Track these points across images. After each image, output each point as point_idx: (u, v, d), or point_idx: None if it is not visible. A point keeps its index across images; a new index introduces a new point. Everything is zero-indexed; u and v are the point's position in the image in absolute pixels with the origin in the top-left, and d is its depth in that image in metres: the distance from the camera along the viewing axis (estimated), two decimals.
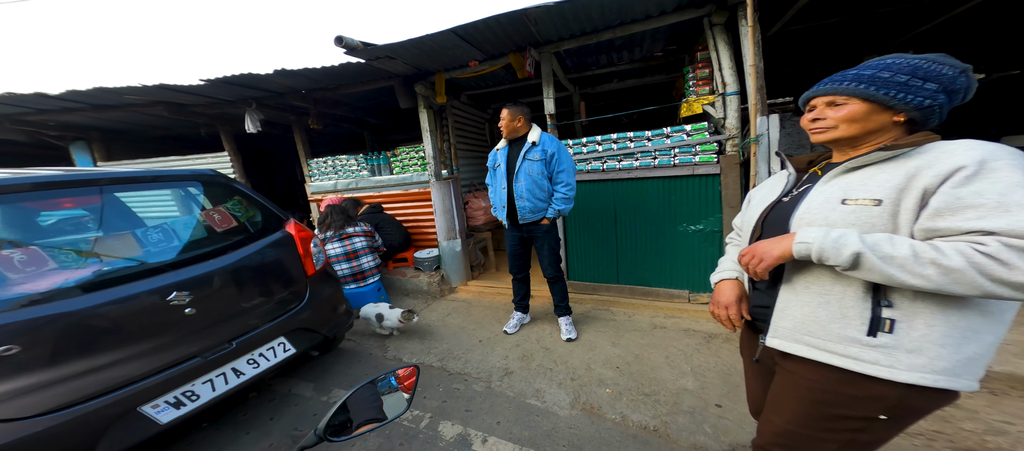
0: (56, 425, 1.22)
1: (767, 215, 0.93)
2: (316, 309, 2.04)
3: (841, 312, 0.77)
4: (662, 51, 3.60)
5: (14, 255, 1.28)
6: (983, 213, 0.64)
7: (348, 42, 2.44)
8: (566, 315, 2.57)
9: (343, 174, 4.13)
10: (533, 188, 2.26)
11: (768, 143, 2.37)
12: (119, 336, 1.38)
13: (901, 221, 0.71)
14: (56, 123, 4.08)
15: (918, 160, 0.72)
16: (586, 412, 1.83)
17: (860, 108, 0.78)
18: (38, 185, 1.36)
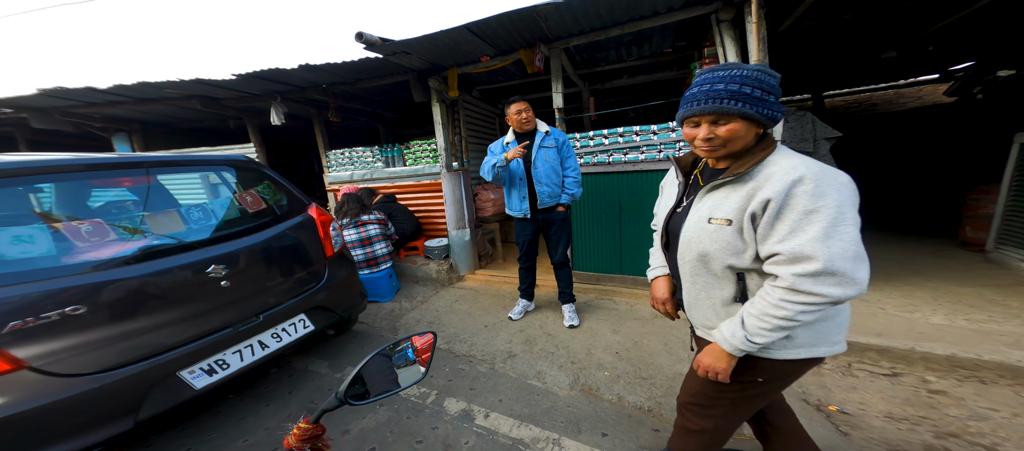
0: (109, 384, 1.35)
1: (668, 221, 1.07)
2: (333, 289, 2.16)
3: (726, 312, 0.94)
4: (672, 47, 3.62)
5: (82, 226, 1.45)
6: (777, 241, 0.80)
7: (367, 38, 2.57)
8: (570, 302, 2.65)
9: (359, 165, 4.29)
10: (550, 173, 2.39)
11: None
12: (165, 304, 1.52)
13: (746, 237, 0.85)
14: (101, 115, 4.41)
15: (754, 181, 0.85)
16: (584, 393, 1.91)
17: (740, 125, 0.84)
18: (105, 165, 1.56)
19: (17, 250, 1.29)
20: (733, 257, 0.87)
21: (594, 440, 1.59)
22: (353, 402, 0.72)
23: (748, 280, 0.90)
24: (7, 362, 1.19)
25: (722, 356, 0.92)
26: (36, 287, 1.27)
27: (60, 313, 1.28)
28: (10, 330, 1.20)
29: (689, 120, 0.90)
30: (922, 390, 1.78)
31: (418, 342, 0.86)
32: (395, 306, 3.20)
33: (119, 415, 1.37)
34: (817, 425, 1.61)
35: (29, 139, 4.99)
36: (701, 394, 1.08)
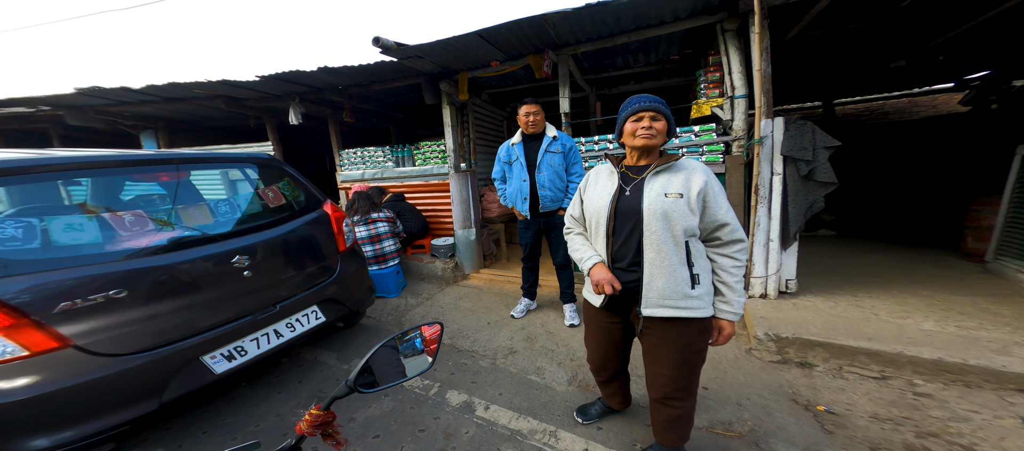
0: (141, 365, 1.44)
1: (615, 204, 1.25)
2: (344, 283, 2.26)
3: (681, 278, 1.15)
4: (678, 54, 3.68)
5: (125, 216, 1.56)
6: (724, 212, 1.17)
7: (384, 42, 2.68)
8: (571, 302, 2.73)
9: (370, 164, 4.42)
10: (554, 178, 2.44)
11: (772, 144, 2.46)
12: (192, 291, 1.61)
13: (692, 206, 1.15)
14: (131, 113, 4.64)
15: (684, 171, 1.19)
16: (582, 389, 1.99)
17: (664, 126, 1.21)
18: (145, 161, 1.69)
19: (68, 237, 1.41)
20: (687, 221, 1.13)
21: (589, 433, 1.67)
22: (363, 390, 0.74)
23: (691, 245, 1.16)
24: (55, 340, 1.29)
25: (732, 325, 1.20)
26: (84, 271, 1.37)
27: (103, 296, 1.38)
28: (60, 310, 1.30)
29: (636, 115, 1.22)
30: (908, 393, 1.83)
31: (427, 332, 0.88)
32: (401, 302, 3.30)
33: (147, 395, 1.46)
34: (803, 424, 1.66)
35: (62, 135, 5.25)
36: (683, 376, 1.24)
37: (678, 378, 1.23)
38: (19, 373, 1.23)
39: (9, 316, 1.21)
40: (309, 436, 0.70)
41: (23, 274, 1.28)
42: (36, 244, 1.36)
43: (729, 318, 1.18)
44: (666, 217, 1.13)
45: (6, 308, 1.22)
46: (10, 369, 1.22)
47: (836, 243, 4.24)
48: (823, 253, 3.78)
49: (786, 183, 2.51)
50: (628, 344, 1.46)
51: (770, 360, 2.17)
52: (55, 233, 1.39)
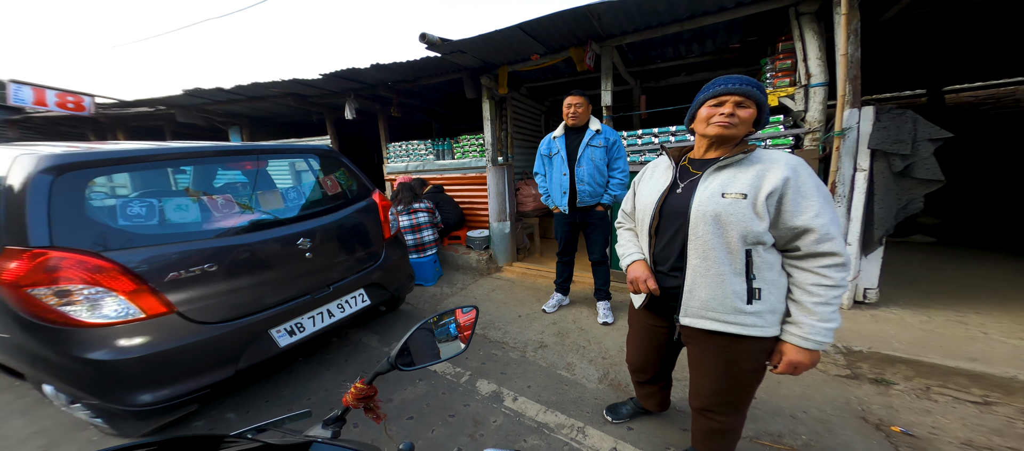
0: (224, 333, 1.56)
1: (663, 203, 1.13)
2: (388, 269, 2.38)
3: (732, 290, 0.99)
4: (739, 42, 3.37)
5: (218, 199, 1.78)
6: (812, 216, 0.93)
7: (429, 38, 2.78)
8: (605, 300, 2.64)
9: (413, 157, 4.62)
10: (594, 173, 2.37)
11: (857, 137, 2.19)
12: (265, 269, 1.73)
13: (758, 209, 0.96)
14: (222, 111, 5.36)
15: (758, 165, 0.99)
16: (613, 387, 1.92)
17: (751, 115, 1.01)
18: (234, 151, 1.92)
19: (176, 216, 1.62)
20: (748, 226, 0.95)
21: (619, 432, 1.61)
22: (402, 367, 0.78)
23: (755, 255, 0.98)
24: (164, 306, 1.45)
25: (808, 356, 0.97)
26: (187, 246, 1.54)
27: (200, 269, 1.54)
28: (169, 279, 1.46)
29: (718, 98, 1.03)
30: (1019, 422, 1.56)
31: (461, 317, 0.90)
32: (437, 290, 3.42)
33: (226, 362, 1.59)
34: (872, 444, 1.49)
35: (174, 131, 6.28)
36: (728, 391, 1.11)
37: (722, 393, 1.12)
38: (136, 333, 1.40)
39: (133, 282, 1.38)
40: (354, 408, 0.75)
41: (144, 247, 1.45)
42: (154, 221, 1.55)
43: (796, 344, 0.97)
44: (718, 221, 0.98)
45: (131, 275, 1.39)
46: (130, 329, 1.38)
47: (935, 251, 3.66)
48: (917, 261, 3.30)
49: (872, 181, 2.21)
50: (673, 349, 1.34)
51: (836, 374, 1.95)
52: (168, 212, 1.60)
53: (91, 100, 5.89)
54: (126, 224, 1.48)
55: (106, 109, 5.95)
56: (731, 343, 1.03)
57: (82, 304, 1.32)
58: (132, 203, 1.55)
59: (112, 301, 1.35)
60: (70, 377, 1.38)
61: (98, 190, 1.52)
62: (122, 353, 1.36)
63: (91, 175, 1.43)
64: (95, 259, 1.34)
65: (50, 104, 5.59)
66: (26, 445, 1.66)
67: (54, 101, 5.59)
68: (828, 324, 0.93)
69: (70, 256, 1.31)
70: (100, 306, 1.34)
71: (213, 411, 1.84)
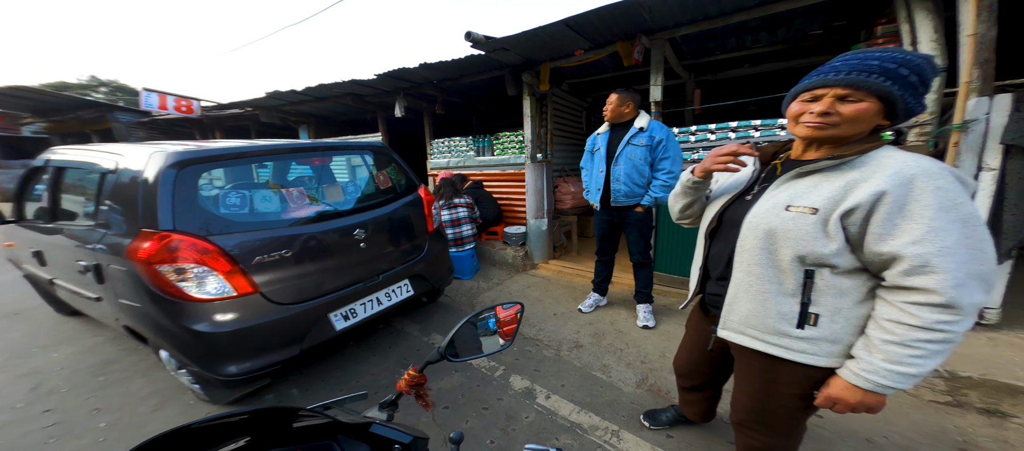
0: (294, 314, 1.71)
1: (726, 209, 1.02)
2: (430, 261, 2.48)
3: (776, 309, 0.88)
4: (822, 28, 2.99)
5: (293, 192, 1.99)
6: (910, 241, 0.72)
7: (474, 36, 2.84)
8: (646, 303, 2.55)
9: (454, 154, 4.75)
10: (632, 173, 2.27)
11: (985, 131, 1.88)
12: (327, 256, 1.86)
13: (829, 228, 0.79)
14: (294, 112, 6.04)
15: (857, 171, 0.79)
16: (652, 393, 1.86)
17: (873, 107, 0.77)
18: (306, 148, 2.12)
19: (261, 206, 1.83)
20: (809, 246, 0.81)
21: (657, 439, 1.56)
22: (451, 359, 0.82)
23: (817, 277, 0.83)
24: (251, 285, 1.62)
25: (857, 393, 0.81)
26: (269, 233, 1.72)
27: (278, 254, 1.70)
28: (256, 262, 1.63)
29: (813, 91, 0.83)
30: None
31: (502, 313, 0.91)
32: (474, 285, 3.50)
33: (294, 341, 1.73)
34: None
35: (257, 130, 7.23)
36: (765, 411, 1.03)
37: (757, 411, 1.03)
38: (229, 309, 1.58)
39: (229, 263, 1.56)
40: (406, 394, 0.80)
41: (237, 232, 1.64)
42: (245, 210, 1.76)
43: (845, 377, 0.82)
44: (770, 236, 0.86)
45: (228, 256, 1.56)
46: (225, 305, 1.56)
47: None
48: None
49: (1003, 182, 1.90)
50: (728, 361, 1.24)
51: (932, 399, 1.75)
52: (255, 203, 1.82)
53: (198, 103, 7.03)
54: (225, 212, 1.70)
55: (208, 111, 7.13)
56: (773, 364, 0.93)
57: (193, 281, 1.52)
58: (230, 194, 1.77)
59: (213, 279, 1.55)
60: (180, 345, 1.59)
61: (205, 182, 1.75)
62: (218, 326, 1.56)
63: (203, 169, 1.66)
64: (203, 242, 1.54)
65: (169, 108, 6.78)
66: (145, 402, 1.96)
67: (173, 105, 6.82)
68: (897, 367, 0.75)
69: (186, 239, 1.52)
70: (205, 283, 1.54)
71: (280, 386, 2.04)
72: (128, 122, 8.24)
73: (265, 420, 0.55)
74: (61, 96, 8.11)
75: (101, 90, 25.55)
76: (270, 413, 0.56)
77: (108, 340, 2.58)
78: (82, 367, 2.28)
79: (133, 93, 24.17)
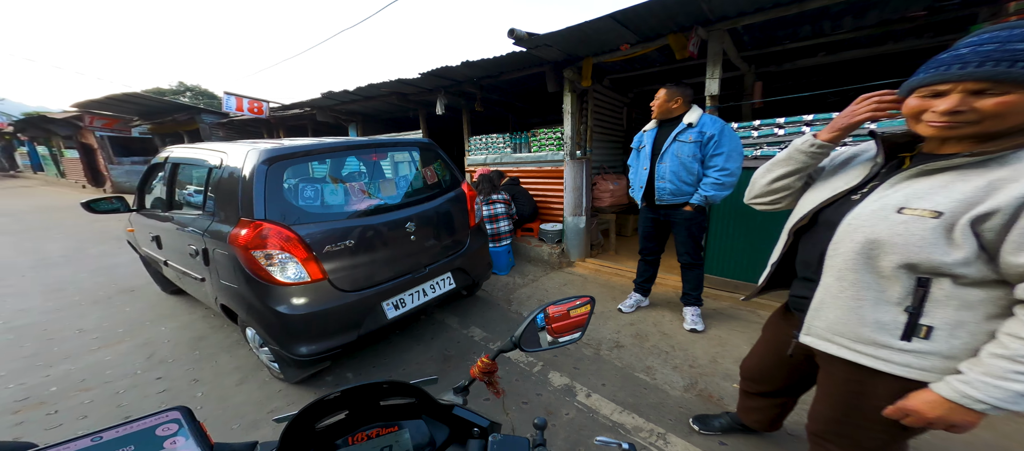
0: (354, 301, 1.82)
1: (825, 208, 0.91)
2: (471, 256, 2.53)
3: (874, 317, 0.79)
4: (927, 8, 2.60)
5: (355, 185, 2.12)
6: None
7: (517, 33, 2.85)
8: (695, 306, 2.45)
9: (492, 150, 4.81)
10: (679, 170, 2.18)
11: None
12: (382, 247, 1.95)
13: (956, 235, 0.69)
14: (345, 110, 6.42)
15: (1005, 169, 0.67)
16: (702, 398, 1.79)
17: (1009, 101, 0.64)
18: (362, 145, 2.23)
19: (329, 199, 1.96)
20: (926, 255, 0.71)
21: (709, 446, 1.50)
22: (525, 349, 0.82)
23: (934, 287, 0.73)
24: (322, 272, 1.75)
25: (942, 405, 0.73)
26: (336, 224, 1.84)
27: (343, 244, 1.81)
28: (325, 251, 1.75)
29: (934, 87, 0.70)
30: None
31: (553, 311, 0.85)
32: (510, 280, 3.52)
33: (352, 327, 1.84)
34: None
35: (313, 128, 7.82)
36: (842, 423, 0.95)
37: (839, 424, 0.95)
38: (304, 294, 1.71)
39: (306, 251, 1.69)
40: (478, 380, 0.83)
41: (312, 223, 1.76)
42: (318, 203, 1.88)
43: (943, 394, 0.73)
44: (873, 245, 0.76)
45: (304, 245, 1.69)
46: (301, 290, 1.70)
47: None
48: None
49: None
50: (811, 370, 1.12)
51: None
52: (325, 196, 1.96)
53: (267, 105, 7.74)
54: (302, 204, 1.84)
55: (274, 112, 7.71)
56: (865, 376, 0.84)
57: (277, 266, 1.67)
58: (305, 187, 1.91)
59: (293, 265, 1.69)
60: (265, 324, 1.74)
61: (290, 177, 1.91)
62: (295, 309, 1.70)
63: (286, 165, 1.82)
64: (286, 230, 1.68)
65: (244, 109, 7.59)
66: (231, 376, 2.16)
67: (247, 107, 7.61)
68: (997, 381, 0.67)
69: (274, 227, 1.66)
70: (286, 268, 1.68)
71: (337, 370, 2.17)
72: (211, 123, 9.36)
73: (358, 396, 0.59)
74: (161, 101, 9.36)
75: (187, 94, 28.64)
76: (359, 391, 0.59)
77: (200, 317, 2.89)
78: (182, 340, 2.57)
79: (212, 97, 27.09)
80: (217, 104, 7.40)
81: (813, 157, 0.97)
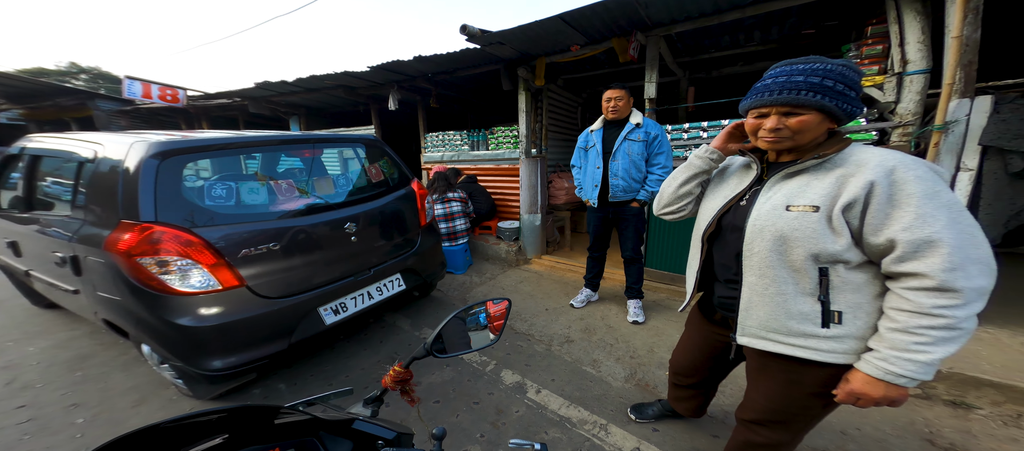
0: (282, 308, 1.69)
1: (724, 214, 1.02)
2: (423, 256, 2.46)
3: (798, 311, 0.88)
4: (815, 27, 3.03)
5: (282, 184, 1.95)
6: (904, 226, 0.74)
7: (470, 30, 2.80)
8: (637, 298, 2.58)
9: (449, 147, 4.72)
10: (630, 168, 2.29)
11: (965, 132, 1.93)
12: (317, 250, 1.84)
13: (834, 224, 0.82)
14: (285, 102, 5.92)
15: (842, 168, 0.83)
16: (640, 388, 1.89)
17: (813, 118, 0.83)
18: (296, 140, 2.05)
19: (248, 198, 1.79)
20: (820, 244, 0.82)
21: (643, 433, 1.59)
22: (437, 354, 0.82)
23: (833, 274, 0.84)
24: (237, 279, 1.60)
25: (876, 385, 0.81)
26: (257, 225, 1.69)
27: (266, 247, 1.67)
28: (242, 255, 1.60)
29: (759, 110, 0.89)
30: None
31: (492, 308, 0.90)
32: (467, 279, 3.50)
33: (282, 335, 1.71)
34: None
35: (246, 121, 7.04)
36: (779, 411, 1.02)
37: (777, 412, 1.02)
38: (214, 303, 1.54)
39: (214, 256, 1.53)
40: (391, 390, 0.79)
41: (223, 225, 1.60)
42: (232, 202, 1.72)
43: (862, 370, 0.82)
44: (781, 239, 0.86)
45: (213, 249, 1.53)
46: (209, 299, 1.53)
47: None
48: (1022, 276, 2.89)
49: (980, 182, 1.96)
50: (731, 364, 1.25)
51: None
52: (242, 194, 1.78)
53: (184, 93, 6.84)
54: (210, 204, 1.66)
55: (194, 101, 6.92)
56: (797, 366, 0.92)
57: (175, 273, 1.49)
58: (215, 185, 1.73)
59: (197, 272, 1.52)
60: (162, 339, 1.56)
61: (190, 173, 1.71)
62: (202, 320, 1.53)
63: (187, 160, 1.62)
64: (187, 234, 1.51)
65: (154, 96, 6.53)
66: (125, 397, 1.92)
67: (157, 94, 6.58)
68: (908, 355, 0.75)
69: (169, 231, 1.48)
70: (189, 276, 1.51)
71: (268, 381, 2.02)
72: (109, 110, 8.01)
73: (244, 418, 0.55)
74: (38, 82, 7.91)
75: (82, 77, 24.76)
76: (249, 411, 0.55)
77: (86, 334, 2.53)
78: (58, 361, 2.23)
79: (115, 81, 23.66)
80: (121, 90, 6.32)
81: (710, 163, 1.12)
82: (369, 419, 0.63)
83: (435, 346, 0.82)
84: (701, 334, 1.26)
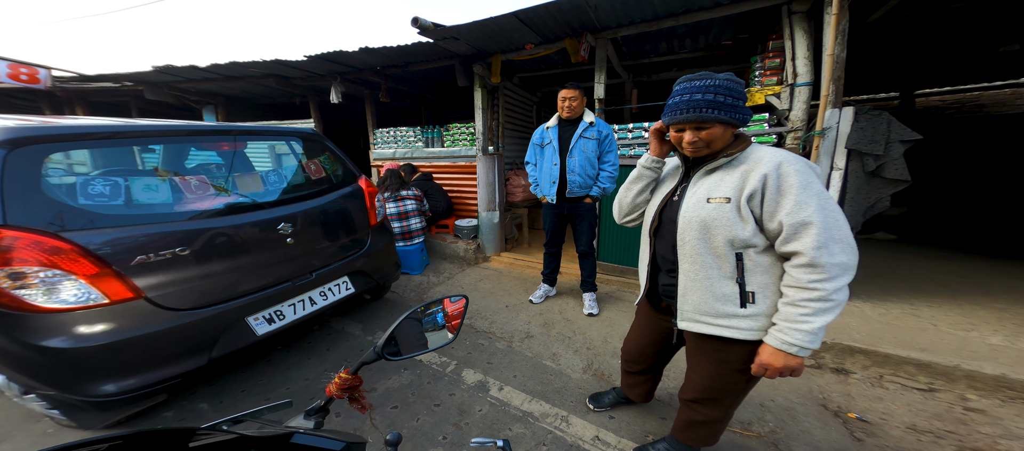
0: (196, 320, 1.51)
1: (663, 209, 1.15)
2: (373, 257, 2.34)
3: (722, 294, 1.01)
4: (731, 39, 3.40)
5: (191, 181, 1.68)
6: (785, 213, 0.90)
7: (422, 23, 2.69)
8: (591, 291, 2.69)
9: (401, 144, 4.52)
10: (585, 165, 2.38)
11: (836, 137, 2.28)
12: (242, 254, 1.67)
13: (743, 213, 0.96)
14: (196, 90, 5.08)
15: (745, 164, 0.98)
16: (597, 377, 1.98)
17: (718, 129, 0.98)
18: (208, 132, 1.80)
19: (144, 196, 1.53)
20: (733, 231, 0.96)
21: (601, 421, 1.67)
22: (388, 357, 0.76)
23: (745, 259, 0.98)
24: (131, 291, 1.38)
25: (778, 355, 0.94)
26: (156, 228, 1.47)
27: (171, 252, 1.47)
28: (136, 263, 1.40)
29: (678, 125, 1.02)
30: (957, 407, 1.72)
31: (450, 307, 0.88)
32: (424, 279, 3.40)
33: (199, 350, 1.53)
34: (830, 429, 1.61)
35: (140, 108, 5.88)
36: (719, 389, 1.14)
37: (712, 390, 1.15)
38: (99, 319, 1.33)
39: (94, 265, 1.31)
40: (338, 398, 0.73)
41: (108, 228, 1.38)
42: (119, 201, 1.47)
43: (768, 342, 0.95)
44: (705, 227, 0.99)
45: (92, 257, 1.31)
46: (92, 315, 1.32)
47: (895, 248, 3.90)
48: (878, 257, 3.49)
49: (846, 179, 2.31)
50: (673, 348, 1.37)
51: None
52: (134, 192, 1.51)
53: (47, 73, 5.42)
54: (87, 203, 1.39)
55: (64, 83, 5.49)
56: (724, 345, 1.04)
57: (37, 287, 1.24)
58: (94, 182, 1.45)
59: (71, 285, 1.28)
60: (24, 366, 1.31)
61: (56, 167, 1.41)
62: (82, 340, 1.30)
63: (48, 151, 1.33)
64: (52, 239, 1.26)
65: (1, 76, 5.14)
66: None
67: (5, 72, 5.14)
68: (796, 325, 0.89)
69: (25, 236, 1.23)
70: (58, 290, 1.27)
71: (184, 402, 1.79)
72: None
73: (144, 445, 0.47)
74: None
75: None
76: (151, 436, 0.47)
77: None
78: None
79: None
80: None
81: (655, 169, 1.23)
82: (312, 431, 0.58)
83: (387, 349, 0.77)
84: (649, 323, 1.37)
